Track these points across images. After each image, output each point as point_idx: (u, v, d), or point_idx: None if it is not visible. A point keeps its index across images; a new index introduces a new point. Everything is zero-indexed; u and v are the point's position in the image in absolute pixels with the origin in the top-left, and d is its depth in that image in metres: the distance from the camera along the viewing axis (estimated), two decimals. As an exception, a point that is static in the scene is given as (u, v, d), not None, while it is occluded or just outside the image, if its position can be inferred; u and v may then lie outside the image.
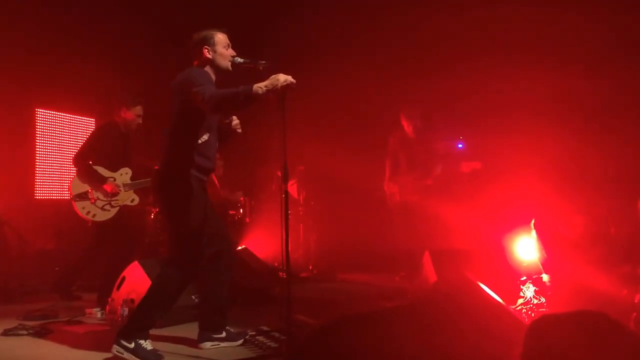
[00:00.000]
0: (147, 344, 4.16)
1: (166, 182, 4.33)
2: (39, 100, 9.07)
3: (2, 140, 8.28)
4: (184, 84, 4.23)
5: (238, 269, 6.30)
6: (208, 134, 4.41)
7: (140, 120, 6.46)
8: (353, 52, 9.31)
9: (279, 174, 8.70)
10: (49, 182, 9.13)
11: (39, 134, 9.08)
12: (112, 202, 6.24)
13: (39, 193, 9.04)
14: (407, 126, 8.04)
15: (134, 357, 4.08)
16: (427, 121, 8.11)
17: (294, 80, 3.97)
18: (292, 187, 8.92)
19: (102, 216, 6.21)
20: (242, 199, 8.73)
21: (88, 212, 6.15)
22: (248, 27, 8.73)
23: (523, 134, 7.46)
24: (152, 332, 4.45)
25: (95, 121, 9.65)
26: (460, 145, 8.71)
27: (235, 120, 4.73)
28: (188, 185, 4.29)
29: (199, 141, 4.34)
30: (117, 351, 4.11)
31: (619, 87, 6.86)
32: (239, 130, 4.77)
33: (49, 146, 9.18)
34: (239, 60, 4.44)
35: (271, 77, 3.98)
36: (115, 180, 6.28)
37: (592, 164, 6.81)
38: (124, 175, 6.36)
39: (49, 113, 9.24)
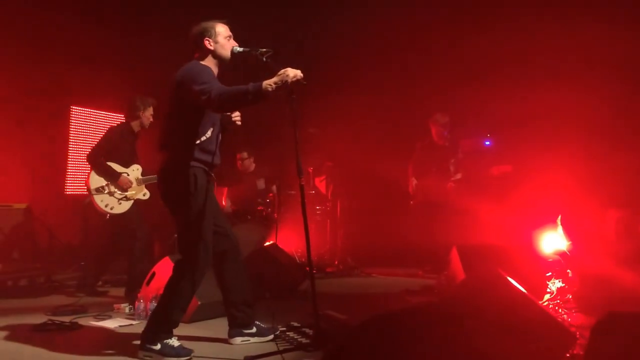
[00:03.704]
0: (173, 341, 4.15)
1: (171, 179, 4.24)
2: (74, 98, 9.25)
3: (37, 136, 8.45)
4: (185, 80, 4.12)
5: (267, 264, 6.37)
6: (211, 129, 4.32)
7: (152, 119, 6.62)
8: (387, 52, 9.39)
9: (310, 170, 8.88)
10: (79, 178, 9.24)
11: (73, 130, 9.24)
12: (128, 195, 6.45)
13: (69, 188, 9.16)
14: (435, 133, 8.20)
15: (162, 357, 4.06)
16: (455, 129, 8.20)
17: (302, 75, 3.90)
18: (321, 183, 8.97)
19: (119, 209, 6.38)
20: (270, 194, 8.74)
21: (106, 205, 6.31)
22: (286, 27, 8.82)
23: (551, 132, 7.48)
24: (182, 327, 4.46)
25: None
26: (487, 143, 8.73)
27: (236, 112, 4.61)
28: (195, 182, 4.20)
29: (203, 138, 4.25)
30: (144, 356, 4.09)
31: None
32: (239, 123, 4.63)
33: (82, 143, 9.32)
34: (238, 49, 4.35)
35: (279, 73, 3.91)
36: (128, 175, 6.48)
37: (621, 161, 6.79)
38: (135, 171, 6.58)
39: (83, 110, 9.42)
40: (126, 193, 6.41)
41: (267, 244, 7.30)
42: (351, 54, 9.09)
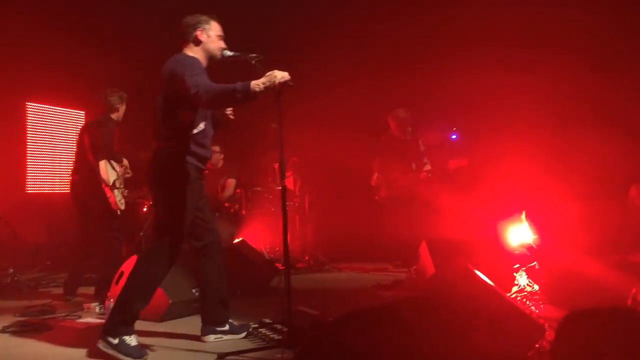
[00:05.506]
0: (131, 340, 4.10)
1: (163, 171, 4.25)
2: (29, 94, 9.07)
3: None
4: (175, 73, 4.09)
5: (237, 261, 6.35)
6: (204, 122, 4.32)
7: None
8: (349, 44, 9.38)
9: (276, 166, 8.87)
10: (40, 176, 9.11)
11: (30, 127, 9.06)
12: (122, 191, 6.30)
13: (30, 187, 9.01)
14: (395, 128, 8.29)
15: (117, 352, 4.02)
16: (415, 122, 8.27)
17: (289, 77, 3.91)
18: (288, 179, 8.93)
19: (122, 205, 6.25)
20: (238, 190, 8.72)
21: (120, 200, 6.18)
22: (244, 20, 8.75)
23: (516, 125, 7.58)
24: (154, 326, 4.44)
25: (85, 114, 9.62)
26: (453, 137, 8.82)
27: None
28: (186, 174, 4.22)
29: (195, 130, 4.25)
30: (102, 347, 4.06)
31: (614, 78, 6.97)
32: (232, 117, 4.65)
33: (40, 139, 9.18)
34: (229, 53, 4.35)
35: (267, 74, 3.89)
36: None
37: (585, 152, 6.92)
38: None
39: (40, 106, 9.24)
40: (122, 188, 6.28)
41: (236, 240, 7.28)
42: (314, 47, 9.07)
